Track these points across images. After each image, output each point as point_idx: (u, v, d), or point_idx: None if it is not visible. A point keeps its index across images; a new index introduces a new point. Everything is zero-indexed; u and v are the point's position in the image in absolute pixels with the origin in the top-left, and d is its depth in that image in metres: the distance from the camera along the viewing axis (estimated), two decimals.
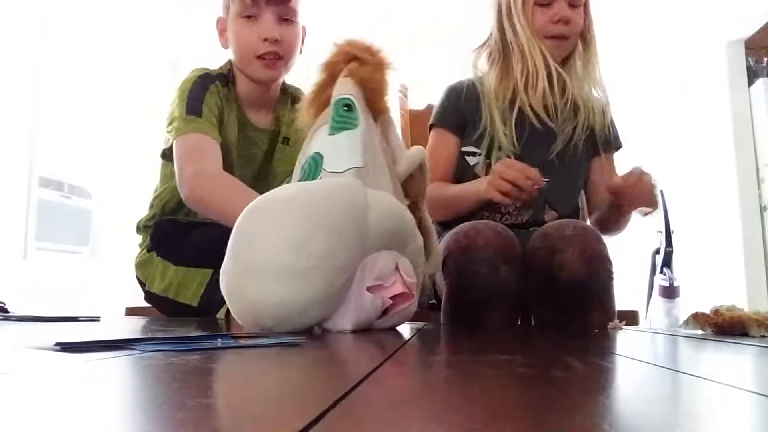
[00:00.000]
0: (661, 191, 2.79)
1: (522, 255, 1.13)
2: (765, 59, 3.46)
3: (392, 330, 0.92)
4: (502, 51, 1.28)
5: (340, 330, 0.79)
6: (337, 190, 0.77)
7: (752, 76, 3.40)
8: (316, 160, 0.85)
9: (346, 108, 0.87)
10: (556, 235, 1.08)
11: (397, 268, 0.82)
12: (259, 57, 1.21)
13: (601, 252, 1.07)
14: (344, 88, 0.89)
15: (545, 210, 1.27)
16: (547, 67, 1.22)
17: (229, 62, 1.31)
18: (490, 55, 1.29)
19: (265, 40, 1.20)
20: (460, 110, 1.29)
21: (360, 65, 0.91)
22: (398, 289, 0.81)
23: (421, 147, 1.01)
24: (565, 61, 1.28)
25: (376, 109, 0.92)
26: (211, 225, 1.14)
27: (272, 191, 0.81)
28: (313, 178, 0.84)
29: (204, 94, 1.21)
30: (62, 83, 3.04)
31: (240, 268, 0.75)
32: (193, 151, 1.16)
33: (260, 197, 0.80)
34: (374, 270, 0.78)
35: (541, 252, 1.08)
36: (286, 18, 1.22)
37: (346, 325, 0.78)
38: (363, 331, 0.87)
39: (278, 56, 1.21)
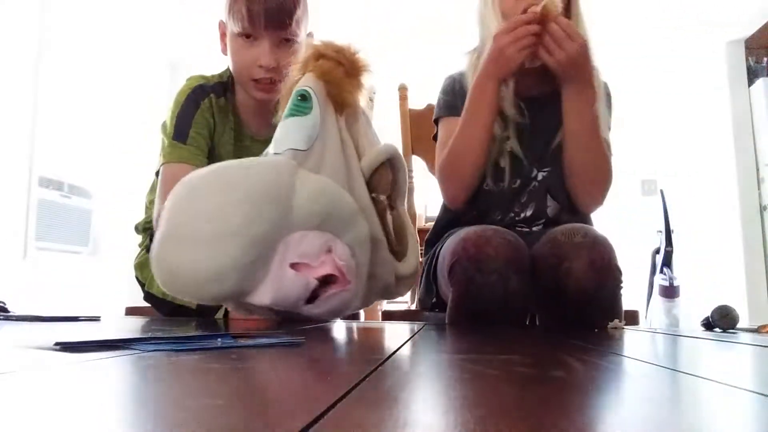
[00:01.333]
0: (662, 191, 2.79)
1: (530, 259, 1.10)
2: (765, 59, 3.46)
3: (391, 330, 0.92)
4: (482, 52, 1.22)
5: (260, 304, 0.80)
6: (259, 167, 0.81)
7: (752, 76, 3.40)
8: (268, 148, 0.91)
9: (300, 98, 0.91)
10: (566, 242, 1.04)
11: (330, 251, 0.82)
12: (255, 80, 1.19)
13: (610, 262, 1.03)
14: (304, 81, 0.93)
15: (547, 202, 1.24)
16: (522, 66, 1.14)
17: (229, 68, 1.30)
18: (479, 57, 1.24)
19: (261, 66, 1.17)
20: (462, 97, 1.24)
21: (324, 61, 0.94)
22: (326, 270, 0.80)
23: (392, 145, 1.01)
24: None
25: (340, 102, 0.95)
26: None
27: (200, 168, 0.86)
28: None
29: (194, 112, 1.20)
30: (62, 83, 3.04)
31: (164, 235, 0.78)
32: (172, 183, 1.17)
33: (192, 173, 0.84)
34: (299, 248, 0.79)
35: (549, 260, 1.04)
36: (286, 38, 1.17)
37: (265, 299, 0.79)
38: (363, 331, 0.87)
39: (274, 81, 1.18)
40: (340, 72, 0.95)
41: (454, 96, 1.27)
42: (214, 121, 1.23)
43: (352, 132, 0.98)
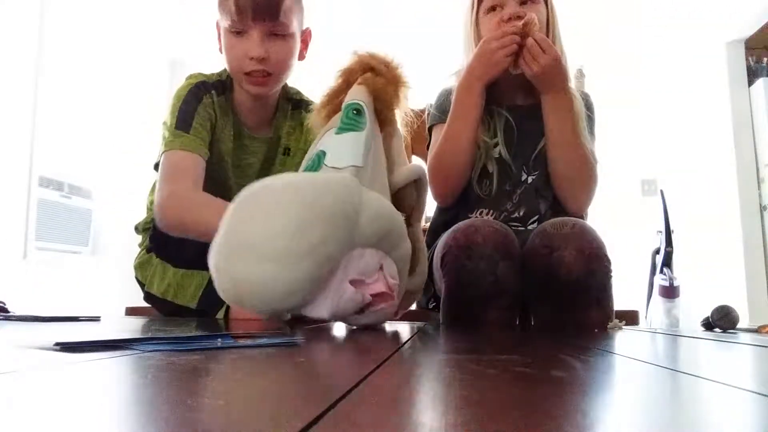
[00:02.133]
0: (662, 191, 2.79)
1: (521, 253, 1.13)
2: (765, 59, 3.46)
3: (391, 330, 0.92)
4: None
5: (318, 317, 0.80)
6: (334, 183, 0.80)
7: (752, 76, 3.40)
8: (320, 157, 0.88)
9: (355, 112, 0.90)
10: (555, 233, 1.08)
11: (381, 268, 0.84)
12: (247, 74, 1.19)
13: (599, 250, 1.07)
14: (357, 94, 0.92)
15: (538, 201, 1.29)
16: (506, 71, 1.22)
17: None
18: None
19: (252, 58, 1.17)
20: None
21: (375, 75, 0.94)
22: (379, 287, 0.83)
23: (421, 166, 1.04)
24: None
25: (383, 119, 0.96)
26: None
27: (269, 178, 0.83)
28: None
29: (197, 106, 1.20)
30: (62, 83, 3.04)
31: (233, 246, 0.77)
32: (175, 170, 1.16)
33: (257, 183, 0.81)
34: (359, 265, 0.81)
35: (540, 250, 1.08)
36: (276, 33, 1.18)
37: (323, 313, 0.80)
38: (362, 331, 0.87)
39: (266, 74, 1.19)
40: (390, 89, 0.95)
41: (446, 105, 1.33)
42: (216, 116, 1.24)
43: (387, 147, 0.99)
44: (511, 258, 1.08)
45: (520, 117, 1.30)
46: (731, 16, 3.29)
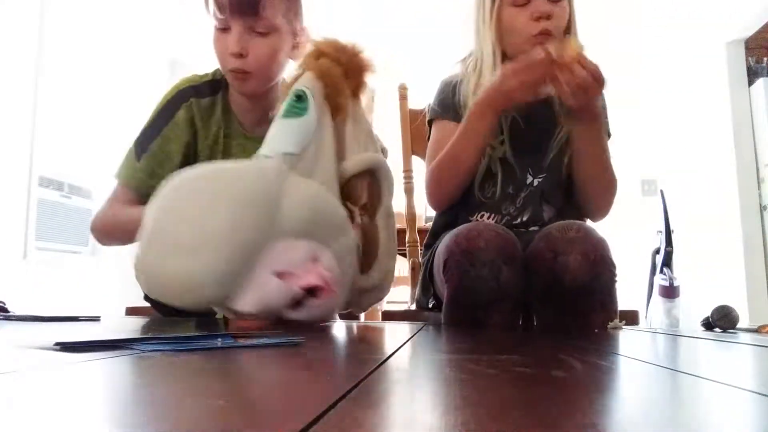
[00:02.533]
0: (662, 191, 2.79)
1: (524, 256, 1.12)
2: (765, 59, 3.46)
3: (391, 330, 0.92)
4: (479, 60, 1.26)
5: (245, 312, 0.78)
6: (248, 170, 0.78)
7: (752, 76, 3.40)
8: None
9: (297, 98, 0.88)
10: (560, 237, 1.07)
11: (316, 259, 0.79)
12: (231, 71, 1.18)
13: (604, 254, 1.06)
14: (302, 81, 0.90)
15: (542, 207, 1.26)
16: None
17: None
18: (475, 65, 1.27)
19: (232, 54, 1.15)
20: (456, 103, 1.28)
21: (325, 60, 0.92)
22: (311, 280, 0.78)
23: (378, 156, 1.00)
24: None
25: (334, 105, 0.93)
26: None
27: (187, 169, 0.82)
28: None
29: (165, 125, 1.21)
30: (62, 83, 3.04)
31: (148, 240, 0.76)
32: (110, 202, 1.23)
33: (175, 176, 0.80)
34: (285, 256, 0.77)
35: (545, 254, 1.07)
36: (259, 31, 1.15)
37: (247, 306, 0.77)
38: (363, 331, 0.87)
39: (244, 72, 1.16)
40: (338, 72, 0.92)
41: (448, 99, 1.29)
42: (196, 128, 1.23)
43: (339, 136, 0.95)
44: (514, 262, 1.07)
45: (528, 113, 1.24)
46: (731, 16, 3.29)
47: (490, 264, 1.04)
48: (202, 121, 1.23)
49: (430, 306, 1.30)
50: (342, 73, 0.93)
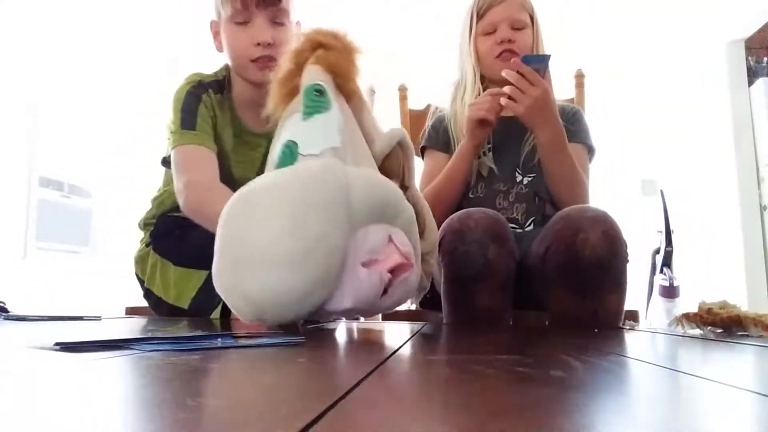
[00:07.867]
0: (662, 191, 2.79)
1: (521, 253, 1.18)
2: (765, 59, 3.46)
3: (391, 330, 0.92)
4: (464, 81, 1.43)
5: (341, 309, 0.76)
6: (317, 171, 0.77)
7: (752, 76, 3.40)
8: (291, 148, 0.84)
9: (317, 93, 0.87)
10: (579, 216, 1.13)
11: (390, 239, 0.79)
12: (254, 61, 1.21)
13: (619, 233, 1.15)
14: (314, 75, 0.90)
15: (537, 203, 1.35)
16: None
17: (225, 67, 1.30)
18: (464, 93, 1.42)
19: (258, 44, 1.19)
20: (447, 137, 1.43)
21: (326, 51, 0.92)
22: (395, 260, 0.78)
23: (399, 128, 1.03)
24: None
25: (347, 92, 0.94)
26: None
27: (250, 183, 0.80)
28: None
29: (197, 106, 1.21)
30: (62, 83, 3.04)
31: (233, 263, 0.74)
32: (188, 161, 1.18)
33: (239, 191, 0.78)
34: (365, 245, 0.77)
35: (564, 233, 1.12)
36: (278, 21, 1.21)
37: (345, 303, 0.76)
38: (363, 331, 0.87)
39: (272, 59, 1.19)
40: (343, 60, 0.93)
41: (438, 133, 1.45)
42: (215, 114, 1.25)
43: (359, 119, 0.95)
44: (502, 242, 1.14)
45: (504, 127, 1.36)
46: (731, 16, 3.29)
47: (478, 241, 1.12)
48: (218, 112, 1.26)
49: (427, 297, 1.31)
50: (345, 58, 0.93)
